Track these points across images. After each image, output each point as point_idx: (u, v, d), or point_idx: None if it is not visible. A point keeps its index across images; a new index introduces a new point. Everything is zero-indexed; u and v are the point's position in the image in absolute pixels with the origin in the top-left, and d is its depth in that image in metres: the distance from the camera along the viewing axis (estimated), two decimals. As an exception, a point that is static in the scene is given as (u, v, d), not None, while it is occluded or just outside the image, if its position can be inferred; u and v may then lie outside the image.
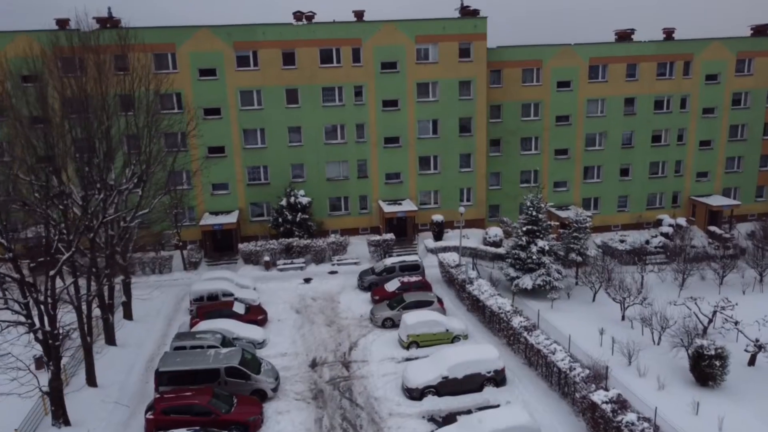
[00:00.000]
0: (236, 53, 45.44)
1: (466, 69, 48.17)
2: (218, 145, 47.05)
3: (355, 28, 46.22)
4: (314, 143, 47.90)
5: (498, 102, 50.93)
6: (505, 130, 51.72)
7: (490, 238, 47.44)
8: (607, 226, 55.08)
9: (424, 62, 47.65)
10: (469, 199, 51.48)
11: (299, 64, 46.17)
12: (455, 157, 50.03)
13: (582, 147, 53.18)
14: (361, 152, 48.74)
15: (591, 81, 51.74)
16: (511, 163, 52.54)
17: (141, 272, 43.51)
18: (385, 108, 48.13)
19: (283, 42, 45.65)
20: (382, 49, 46.77)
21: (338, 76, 46.82)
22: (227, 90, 45.89)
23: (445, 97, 48.50)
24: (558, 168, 53.29)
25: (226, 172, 47.50)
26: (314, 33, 45.80)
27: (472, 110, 49.12)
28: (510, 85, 50.67)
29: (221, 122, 46.46)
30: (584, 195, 54.50)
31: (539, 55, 50.51)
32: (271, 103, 46.61)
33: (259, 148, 47.54)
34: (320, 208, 49.26)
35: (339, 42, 46.25)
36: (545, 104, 51.53)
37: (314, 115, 47.27)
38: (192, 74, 45.20)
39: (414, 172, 49.85)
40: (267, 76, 45.99)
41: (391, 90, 47.70)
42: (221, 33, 44.80)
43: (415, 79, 47.79)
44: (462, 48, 47.90)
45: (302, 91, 46.75)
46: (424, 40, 47.16)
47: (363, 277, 40.35)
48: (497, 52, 49.67)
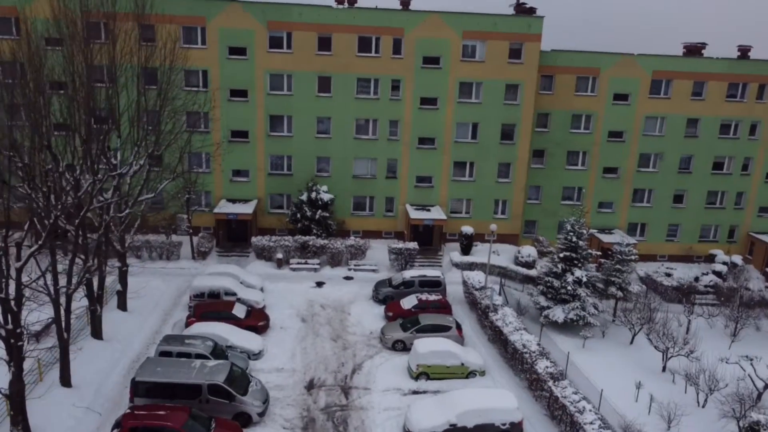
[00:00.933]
0: (269, 33, 42.39)
1: (514, 71, 44.17)
2: (242, 129, 44.22)
3: (398, 16, 42.64)
4: (343, 137, 44.67)
5: (546, 110, 46.80)
6: (550, 141, 47.59)
7: (523, 258, 43.58)
8: (652, 255, 50.55)
9: (469, 60, 43.83)
10: (504, 212, 47.62)
11: (335, 50, 42.89)
12: (493, 165, 46.19)
13: (634, 167, 48.68)
14: (392, 151, 45.32)
15: (652, 96, 47.14)
16: (554, 177, 48.40)
17: (148, 256, 41.06)
18: (422, 106, 44.54)
19: (319, 25, 42.39)
20: (425, 42, 43.13)
21: (375, 66, 43.39)
22: (256, 72, 42.94)
23: (489, 99, 44.63)
24: (605, 187, 48.94)
25: (247, 159, 44.67)
26: (354, 18, 42.39)
27: (517, 117, 45.14)
28: (561, 92, 46.46)
29: (247, 105, 43.56)
30: (631, 219, 50.03)
31: (597, 63, 46.12)
32: (301, 90, 43.50)
33: (285, 136, 44.52)
34: (343, 207, 46.09)
35: (379, 30, 42.76)
36: (598, 117, 47.18)
37: (346, 106, 44.00)
38: (220, 52, 42.36)
39: (447, 177, 46.20)
40: (299, 61, 42.86)
41: (430, 87, 44.07)
42: (254, 10, 41.77)
43: (458, 78, 44.04)
44: (512, 48, 43.89)
45: (335, 80, 43.49)
46: (472, 36, 43.31)
47: (378, 289, 37.08)
48: (550, 55, 45.49)
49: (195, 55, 42.05)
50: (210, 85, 42.88)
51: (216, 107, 43.06)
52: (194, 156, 43.86)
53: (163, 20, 39.99)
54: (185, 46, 41.74)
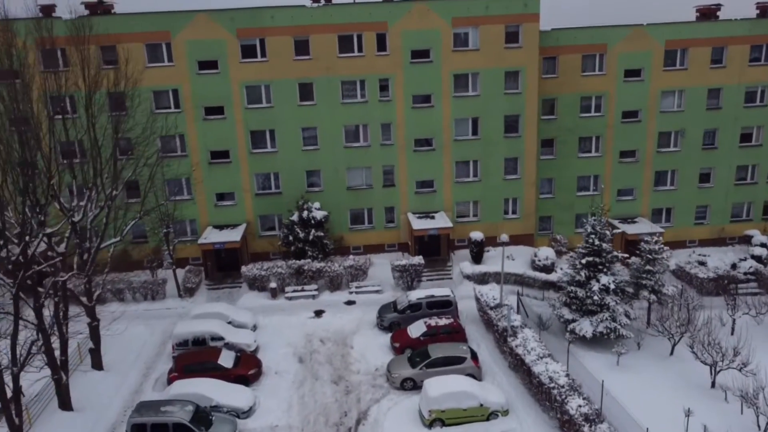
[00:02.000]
0: (240, 42, 38.67)
1: (513, 57, 40.05)
2: (222, 149, 40.64)
3: (379, 9, 38.67)
4: (332, 147, 40.91)
5: (552, 95, 42.64)
6: (560, 129, 43.45)
7: (540, 262, 39.64)
8: (681, 241, 46.32)
9: (462, 49, 39.78)
10: (515, 212, 43.65)
11: (314, 53, 39.08)
12: (499, 161, 42.19)
13: (653, 148, 44.39)
14: (387, 157, 41.49)
15: (666, 69, 42.77)
16: (567, 167, 44.28)
17: (132, 298, 37.74)
18: (415, 104, 40.62)
19: (295, 28, 38.59)
20: (412, 35, 39.14)
21: (360, 67, 39.53)
22: (231, 85, 39.28)
23: (488, 90, 40.59)
24: (623, 173, 44.73)
25: (231, 181, 41.11)
26: (331, 16, 38.51)
27: (520, 106, 41.06)
28: (567, 74, 42.25)
29: (224, 123, 39.95)
30: (654, 205, 45.80)
31: (603, 38, 41.83)
32: (281, 100, 39.78)
33: (269, 152, 40.87)
34: (340, 222, 42.41)
35: (361, 26, 38.85)
36: (609, 97, 42.94)
37: (332, 113, 40.21)
38: (190, 67, 38.73)
39: (449, 179, 42.29)
40: (276, 69, 39.13)
41: (422, 83, 40.13)
42: (222, 18, 38.05)
43: (452, 70, 40.02)
44: (509, 32, 39.76)
45: (318, 86, 39.71)
46: (463, 23, 39.23)
47: (383, 315, 33.44)
48: (552, 35, 41.28)
49: (163, 74, 38.59)
50: (183, 105, 39.30)
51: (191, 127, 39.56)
52: (173, 183, 40.48)
53: (125, 39, 36.74)
54: (151, 66, 38.30)
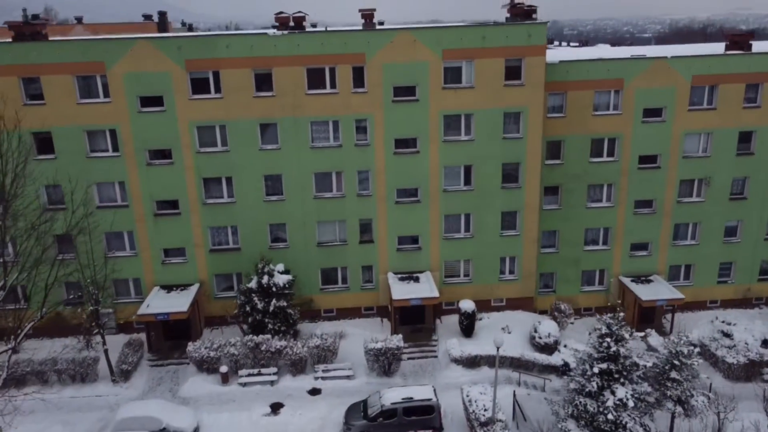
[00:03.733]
0: (190, 74, 32.49)
1: (514, 95, 33.93)
2: (169, 199, 34.56)
3: (356, 39, 32.44)
4: (300, 197, 34.88)
5: (558, 137, 36.59)
6: (566, 175, 37.44)
7: (541, 338, 33.79)
8: (701, 302, 40.63)
9: (454, 86, 33.64)
10: (512, 271, 37.75)
11: (278, 89, 32.92)
12: (495, 215, 36.24)
13: (673, 198, 38.45)
14: (364, 209, 35.49)
15: (692, 108, 36.73)
16: (574, 218, 38.33)
17: (57, 379, 31.85)
18: (398, 150, 34.56)
19: (255, 59, 32.39)
20: (395, 69, 32.98)
21: (333, 105, 33.41)
22: (179, 125, 33.11)
23: (484, 134, 34.53)
24: (638, 225, 38.82)
25: (180, 234, 35.10)
26: (299, 47, 32.28)
27: (521, 153, 35.02)
28: (576, 113, 36.18)
29: (172, 169, 33.85)
30: (672, 261, 39.94)
31: (620, 72, 35.71)
32: (239, 143, 33.69)
33: (225, 203, 34.82)
34: (309, 282, 36.51)
35: (334, 59, 32.66)
36: (625, 140, 36.90)
37: (300, 159, 34.14)
38: (130, 104, 32.55)
39: (437, 235, 36.32)
40: (233, 107, 32.98)
41: (406, 125, 34.05)
42: (167, 47, 31.81)
43: (441, 110, 33.92)
44: (509, 66, 33.61)
45: (283, 127, 33.61)
46: (455, 55, 33.05)
47: (350, 421, 27.63)
48: (560, 68, 35.13)
49: (97, 111, 32.46)
50: (122, 147, 33.16)
51: (133, 174, 33.49)
52: (113, 237, 34.54)
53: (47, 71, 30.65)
54: (84, 102, 32.12)
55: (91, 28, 72.13)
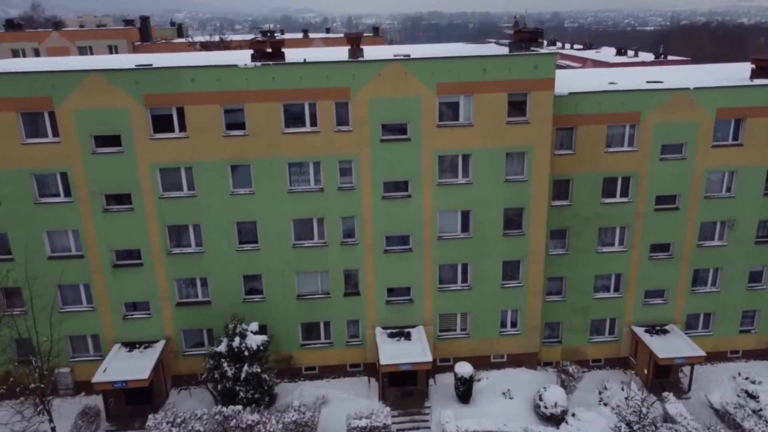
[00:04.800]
0: (150, 111, 28.60)
1: (518, 134, 30.09)
2: (130, 248, 30.76)
3: (340, 71, 28.50)
4: (277, 246, 31.10)
5: (566, 176, 32.79)
6: (575, 217, 33.67)
7: (547, 408, 30.14)
8: (721, 352, 37.06)
9: (450, 124, 29.79)
10: (515, 325, 34.06)
11: (251, 127, 29.05)
12: (496, 265, 32.50)
13: (693, 241, 34.72)
14: (349, 258, 31.72)
15: (716, 144, 32.93)
16: (583, 263, 34.62)
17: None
18: (387, 194, 30.74)
19: (224, 94, 28.48)
20: (384, 104, 29.10)
21: (313, 145, 29.56)
22: (139, 167, 29.23)
23: (484, 176, 30.72)
24: (654, 271, 35.12)
25: (143, 287, 31.35)
26: (274, 80, 28.36)
27: (525, 197, 31.22)
28: (587, 150, 32.37)
29: (132, 216, 30.01)
30: (690, 309, 36.28)
31: (637, 105, 31.85)
32: (208, 187, 29.85)
33: (193, 252, 31.03)
34: (289, 337, 32.84)
35: (315, 93, 28.76)
36: (641, 179, 33.12)
37: (276, 204, 30.33)
38: (82, 144, 28.69)
39: (431, 287, 32.58)
40: (200, 147, 29.12)
41: (397, 166, 30.24)
42: (124, 81, 27.87)
43: (436, 150, 30.08)
44: (513, 101, 29.74)
45: (257, 169, 29.76)
46: (452, 89, 29.15)
47: None
48: (569, 101, 31.26)
49: (46, 152, 28.63)
50: (75, 192, 29.31)
51: (88, 221, 29.68)
52: (68, 290, 30.81)
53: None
54: (30, 141, 28.24)
55: (67, 34, 68.20)
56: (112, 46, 69.42)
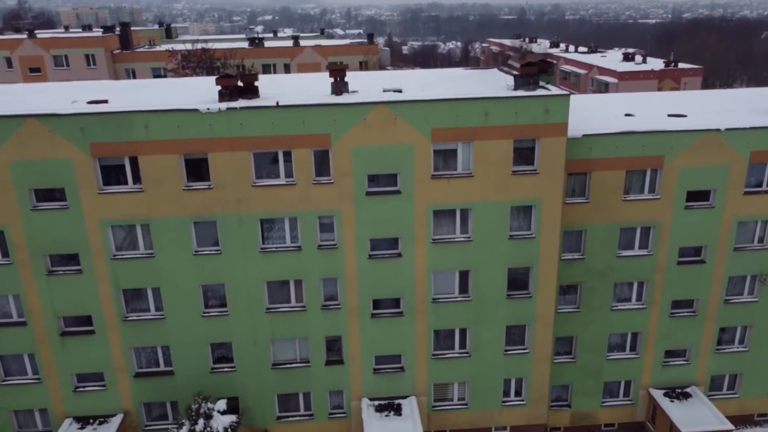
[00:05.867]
0: (99, 162, 24.61)
1: (525, 185, 26.13)
2: (80, 315, 26.87)
3: (318, 116, 24.51)
4: (249, 310, 27.22)
5: (578, 227, 28.92)
6: (588, 272, 29.84)
7: (556, 499, 26.35)
8: (748, 416, 33.42)
9: (447, 174, 25.84)
10: (519, 393, 30.27)
11: (216, 179, 25.08)
12: (498, 330, 28.67)
13: (720, 297, 30.93)
14: (331, 324, 27.86)
15: (749, 190, 29.01)
16: (596, 321, 30.85)
17: None
18: (375, 252, 26.83)
19: (184, 142, 24.50)
20: (370, 153, 25.13)
21: (289, 199, 25.62)
22: (87, 224, 25.28)
23: (485, 233, 26.79)
24: (675, 329, 31.37)
25: (96, 357, 27.52)
26: (242, 127, 24.34)
27: (532, 255, 27.32)
28: (602, 198, 28.47)
29: (81, 279, 26.12)
30: (715, 370, 32.55)
31: (659, 149, 27.93)
32: (168, 246, 25.93)
33: (152, 318, 27.17)
34: (263, 410, 29.06)
35: (289, 141, 24.79)
36: (662, 229, 29.25)
37: (247, 265, 26.40)
38: (20, 199, 24.71)
39: (425, 354, 28.75)
40: (158, 201, 25.17)
41: (385, 222, 26.30)
42: (66, 128, 23.89)
43: (431, 204, 26.12)
44: (520, 148, 25.79)
45: (224, 226, 25.81)
46: (449, 136, 25.19)
47: None
48: (582, 144, 27.33)
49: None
50: (14, 253, 25.36)
51: (29, 285, 25.77)
52: (11, 360, 26.95)
53: None
54: (-42, 196, 24.22)
55: (42, 42, 64.01)
56: (89, 55, 65.23)
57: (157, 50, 67.57)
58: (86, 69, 65.26)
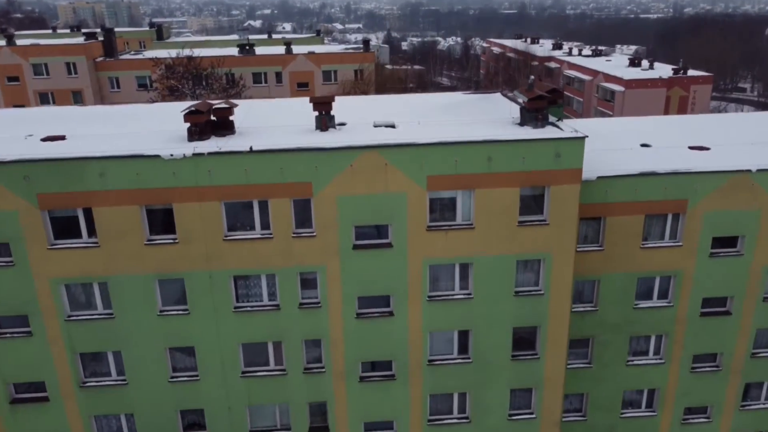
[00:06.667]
0: (48, 214, 21.55)
1: (533, 237, 23.12)
2: (31, 381, 23.89)
3: (297, 163, 21.48)
4: (222, 374, 24.26)
5: (591, 276, 26.00)
6: (601, 324, 26.94)
7: None
8: (774, 476, 30.33)
9: (445, 226, 22.83)
10: (524, 461, 27.24)
11: (183, 232, 22.05)
12: (501, 393, 25.73)
13: (747, 350, 28.08)
14: (315, 388, 24.91)
15: (780, 236, 25.95)
16: (609, 377, 27.96)
17: None
18: (363, 311, 23.86)
19: (145, 192, 21.44)
20: (357, 203, 22.11)
21: (266, 254, 22.61)
22: (36, 283, 22.26)
23: (487, 289, 23.81)
24: (697, 385, 28.50)
25: (51, 426, 24.56)
26: (210, 175, 21.28)
27: (540, 313, 24.34)
28: (618, 245, 25.52)
29: (31, 342, 23.13)
30: (739, 427, 29.73)
31: (683, 191, 24.93)
32: (129, 306, 22.95)
33: (114, 384, 24.23)
34: (240, 481, 26.02)
35: (266, 190, 21.78)
36: (684, 278, 26.29)
37: (220, 326, 23.42)
38: (-41, 256, 21.64)
39: (419, 420, 25.82)
40: (116, 257, 22.16)
41: (375, 279, 23.32)
42: (9, 177, 20.85)
43: (426, 258, 23.12)
44: (527, 196, 22.74)
45: (193, 284, 22.81)
46: (447, 183, 22.18)
47: None
48: (597, 187, 24.32)
49: None
50: (-46, 314, 22.34)
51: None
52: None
53: None
54: None
55: (20, 50, 60.82)
56: (70, 63, 61.95)
57: (141, 58, 64.31)
58: (67, 78, 62.06)
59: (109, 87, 64.11)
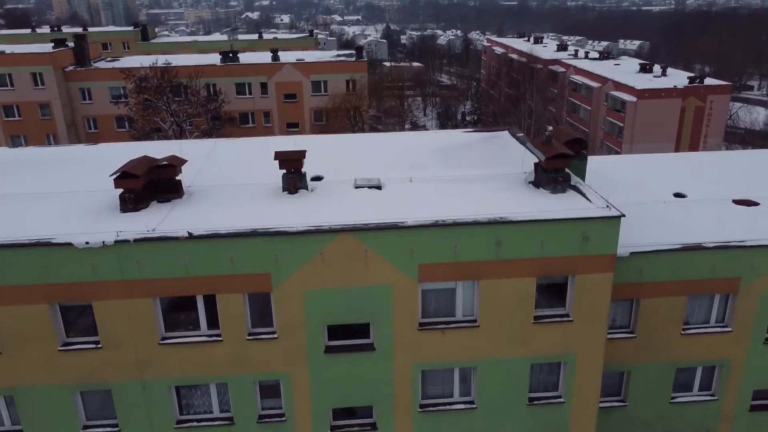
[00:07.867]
0: (-68, 315, 16.69)
1: (552, 336, 18.34)
2: None
3: (252, 251, 16.62)
4: (165, 500, 19.38)
5: (620, 367, 21.23)
6: (632, 421, 22.33)
7: None
8: None
9: (441, 323, 18.05)
10: None
11: (106, 336, 17.33)
12: None
13: (803, 449, 23.18)
14: None
15: None
16: (638, 481, 23.11)
17: None
18: (339, 424, 19.13)
19: (55, 287, 16.73)
20: (330, 297, 17.32)
21: (214, 359, 17.86)
22: (-77, 399, 17.41)
23: (494, 398, 19.09)
24: (741, 488, 23.60)
25: None
26: (140, 266, 16.41)
27: (560, 425, 19.71)
28: (653, 331, 20.79)
29: None
30: None
31: (734, 268, 20.18)
32: (41, 423, 18.36)
33: None
34: None
35: (211, 283, 16.96)
36: (733, 368, 21.62)
37: (159, 444, 18.61)
38: None
39: None
40: (24, 366, 17.61)
41: (354, 387, 18.59)
42: None
43: (417, 363, 18.34)
44: (544, 285, 17.88)
45: (122, 396, 18.23)
46: (444, 273, 17.36)
47: None
48: (631, 264, 19.53)
49: None
50: None
51: None
52: None
53: None
54: None
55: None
56: (36, 73, 56.85)
57: (114, 67, 59.17)
58: (33, 89, 57.02)
59: (81, 99, 59.07)
